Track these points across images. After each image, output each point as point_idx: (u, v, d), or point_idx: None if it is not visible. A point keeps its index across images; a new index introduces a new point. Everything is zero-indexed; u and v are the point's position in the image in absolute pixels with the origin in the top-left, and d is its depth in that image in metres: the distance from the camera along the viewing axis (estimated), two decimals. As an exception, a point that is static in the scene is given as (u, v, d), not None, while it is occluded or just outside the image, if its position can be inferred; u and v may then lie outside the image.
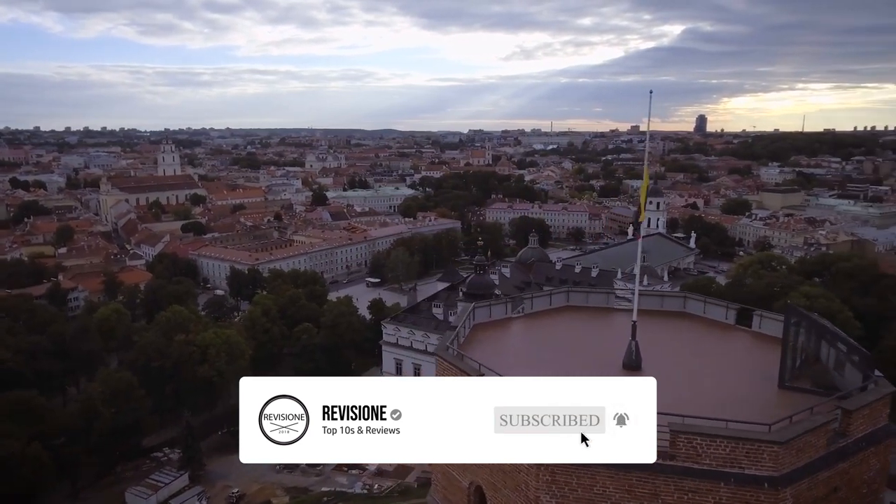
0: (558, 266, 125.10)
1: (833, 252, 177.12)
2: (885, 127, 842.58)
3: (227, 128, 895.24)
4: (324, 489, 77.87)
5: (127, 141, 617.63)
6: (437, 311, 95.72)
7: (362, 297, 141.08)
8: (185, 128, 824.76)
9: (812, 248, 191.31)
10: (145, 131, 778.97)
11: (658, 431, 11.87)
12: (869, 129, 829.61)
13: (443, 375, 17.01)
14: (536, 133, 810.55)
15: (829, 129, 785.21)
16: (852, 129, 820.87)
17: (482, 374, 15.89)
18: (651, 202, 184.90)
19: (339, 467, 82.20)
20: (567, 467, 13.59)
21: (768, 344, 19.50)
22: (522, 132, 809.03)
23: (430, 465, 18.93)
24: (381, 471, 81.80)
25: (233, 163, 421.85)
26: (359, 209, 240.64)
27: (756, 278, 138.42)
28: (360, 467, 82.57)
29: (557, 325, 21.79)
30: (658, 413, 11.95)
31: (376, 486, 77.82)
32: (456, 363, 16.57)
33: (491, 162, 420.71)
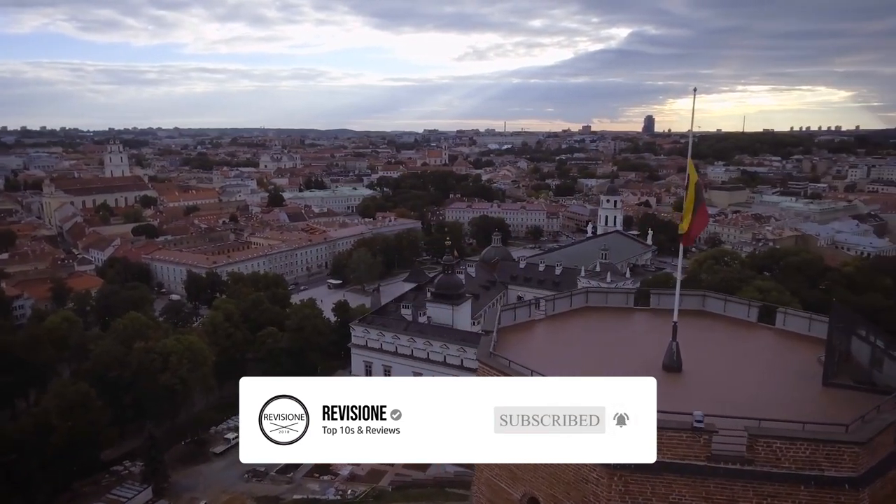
0: (522, 265, 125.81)
1: (780, 247, 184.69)
2: (819, 127, 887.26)
3: (176, 127, 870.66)
4: (296, 497, 76.02)
5: (69, 141, 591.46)
6: (406, 312, 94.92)
7: (325, 298, 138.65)
8: (130, 127, 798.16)
9: (760, 244, 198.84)
10: (88, 131, 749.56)
11: (734, 436, 11.53)
12: (804, 129, 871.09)
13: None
14: (490, 133, 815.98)
15: (768, 130, 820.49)
16: (789, 129, 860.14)
17: (524, 374, 15.19)
18: (609, 200, 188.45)
19: (311, 473, 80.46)
20: (641, 477, 13.12)
21: (794, 341, 19.59)
22: (477, 132, 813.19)
23: (474, 475, 18.16)
24: (354, 476, 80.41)
25: (183, 163, 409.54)
26: (317, 210, 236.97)
27: (711, 273, 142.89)
28: (333, 472, 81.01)
29: (585, 327, 21.44)
30: (731, 417, 11.59)
31: (350, 491, 76.43)
32: (502, 369, 15.86)
33: (447, 162, 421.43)
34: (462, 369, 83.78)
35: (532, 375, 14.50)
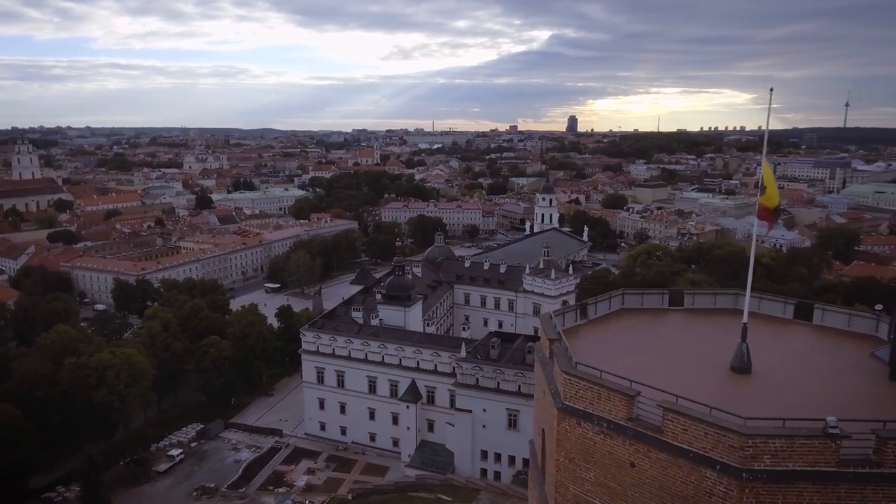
0: (467, 264, 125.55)
1: (704, 241, 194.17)
2: (726, 127, 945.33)
3: (87, 126, 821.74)
4: (251, 512, 72.76)
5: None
6: (357, 316, 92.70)
7: (263, 303, 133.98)
8: (36, 126, 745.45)
9: (685, 238, 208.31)
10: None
11: (860, 439, 11.24)
12: (713, 129, 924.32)
13: (582, 393, 15.26)
14: (420, 133, 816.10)
15: (681, 130, 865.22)
16: (699, 129, 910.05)
17: (635, 389, 14.61)
18: (545, 199, 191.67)
19: (265, 486, 77.31)
20: (773, 487, 12.68)
21: (838, 337, 19.93)
22: (407, 132, 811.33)
23: (538, 489, 17.15)
24: (311, 486, 77.91)
25: (99, 164, 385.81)
26: (248, 212, 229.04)
27: (645, 267, 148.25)
28: (288, 484, 78.13)
29: (634, 330, 21.11)
30: (855, 420, 11.19)
31: (307, 502, 73.78)
32: (598, 381, 15.08)
33: (380, 161, 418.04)
34: (418, 371, 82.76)
35: (631, 384, 13.88)
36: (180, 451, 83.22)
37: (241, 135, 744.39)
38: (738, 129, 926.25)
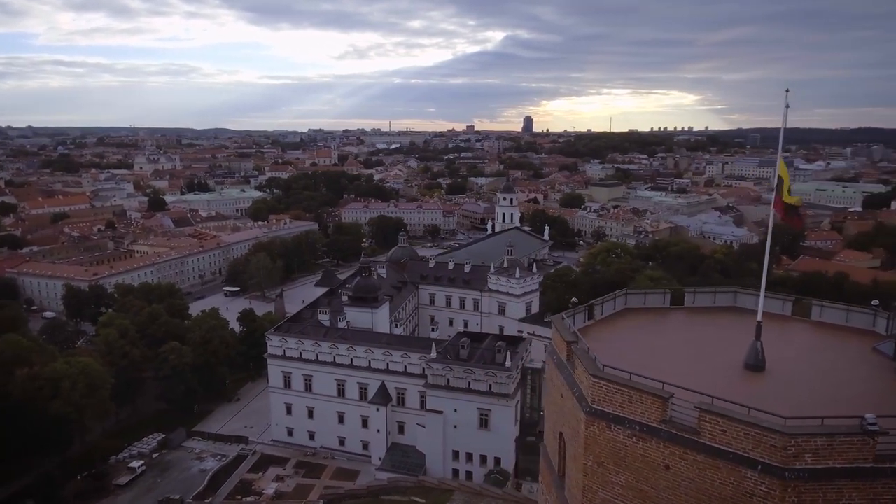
0: (432, 264, 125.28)
1: (659, 238, 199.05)
2: (675, 128, 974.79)
3: (29, 126, 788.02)
4: (219, 523, 70.76)
5: None
6: (324, 318, 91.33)
7: (224, 307, 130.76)
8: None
9: (641, 236, 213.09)
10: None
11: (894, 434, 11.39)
12: (663, 129, 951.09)
13: (611, 396, 15.13)
14: (377, 133, 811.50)
15: (633, 130, 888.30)
16: (650, 129, 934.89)
17: (668, 391, 14.56)
18: (505, 198, 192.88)
19: (233, 496, 75.29)
20: (815, 486, 12.75)
21: (839, 333, 20.44)
22: (363, 132, 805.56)
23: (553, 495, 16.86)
24: (280, 493, 76.31)
25: (43, 165, 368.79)
26: (204, 214, 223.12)
27: (605, 265, 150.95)
28: (256, 493, 76.31)
29: (641, 330, 21.09)
30: (885, 416, 11.33)
31: (278, 510, 72.22)
32: (629, 384, 14.97)
33: (338, 162, 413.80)
34: (388, 373, 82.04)
35: (662, 386, 13.76)
36: (141, 462, 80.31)
37: (193, 135, 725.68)
38: (686, 129, 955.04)
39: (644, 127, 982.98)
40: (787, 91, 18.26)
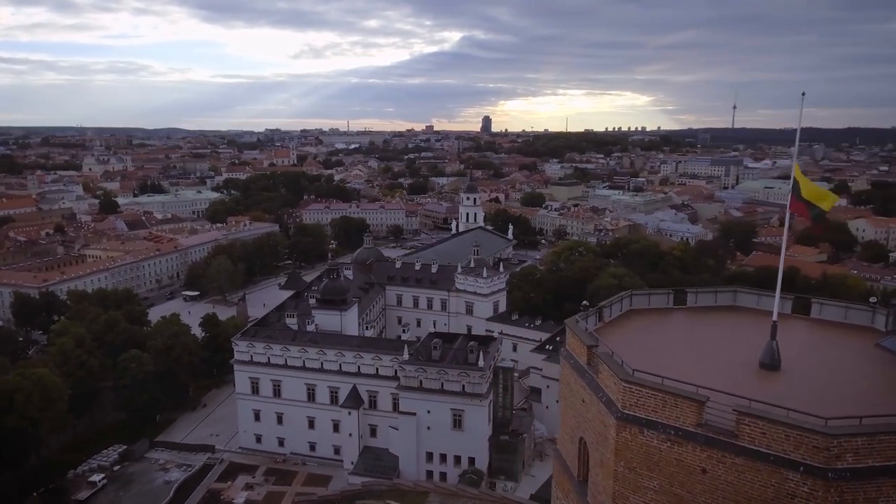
0: (398, 265, 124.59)
1: (619, 236, 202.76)
2: (629, 128, 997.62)
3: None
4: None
5: None
6: (291, 322, 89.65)
7: (186, 311, 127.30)
8: None
9: (601, 234, 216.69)
10: None
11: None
12: (617, 129, 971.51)
13: (644, 401, 15.06)
14: (336, 132, 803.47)
15: (588, 130, 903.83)
16: (605, 129, 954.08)
17: (703, 395, 14.57)
18: (469, 198, 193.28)
19: (198, 509, 73.10)
20: (857, 485, 12.83)
21: (841, 330, 20.86)
22: (322, 131, 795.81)
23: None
24: (251, 502, 74.49)
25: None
26: (159, 216, 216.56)
27: (569, 263, 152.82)
28: (225, 502, 74.32)
29: (648, 331, 21.03)
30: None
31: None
32: (663, 388, 14.87)
33: (296, 162, 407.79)
34: (359, 376, 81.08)
35: (696, 390, 13.69)
36: (102, 475, 77.19)
37: (144, 135, 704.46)
38: (639, 129, 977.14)
39: (599, 127, 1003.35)
40: (804, 94, 18.54)
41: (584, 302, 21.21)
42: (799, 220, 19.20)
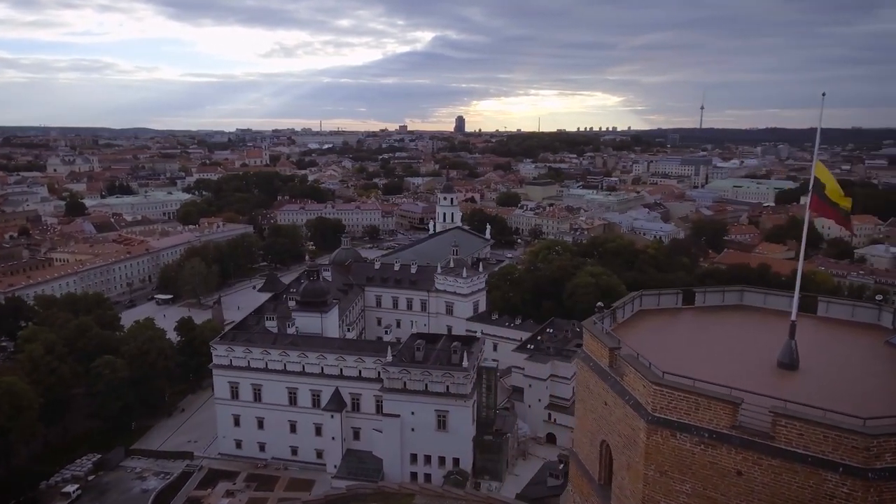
0: (377, 265, 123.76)
1: (595, 235, 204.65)
2: (600, 128, 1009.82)
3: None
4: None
5: None
6: (271, 325, 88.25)
7: (161, 315, 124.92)
8: None
9: (577, 233, 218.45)
10: None
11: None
12: (589, 129, 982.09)
13: (675, 404, 15.16)
14: (308, 132, 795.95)
15: (561, 130, 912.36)
16: (576, 129, 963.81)
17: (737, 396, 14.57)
18: (446, 198, 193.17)
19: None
20: (893, 483, 12.81)
21: (848, 328, 21.02)
22: (294, 131, 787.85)
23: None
24: (231, 509, 73.11)
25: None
26: (129, 218, 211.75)
27: (546, 262, 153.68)
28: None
29: (663, 331, 20.90)
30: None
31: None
32: (695, 390, 14.80)
33: (269, 162, 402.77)
34: (342, 378, 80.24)
35: (729, 392, 13.62)
36: (76, 486, 74.95)
37: (111, 134, 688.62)
38: (611, 129, 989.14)
39: (571, 127, 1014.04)
40: (824, 95, 18.65)
41: (599, 303, 21.08)
42: (817, 216, 18.91)
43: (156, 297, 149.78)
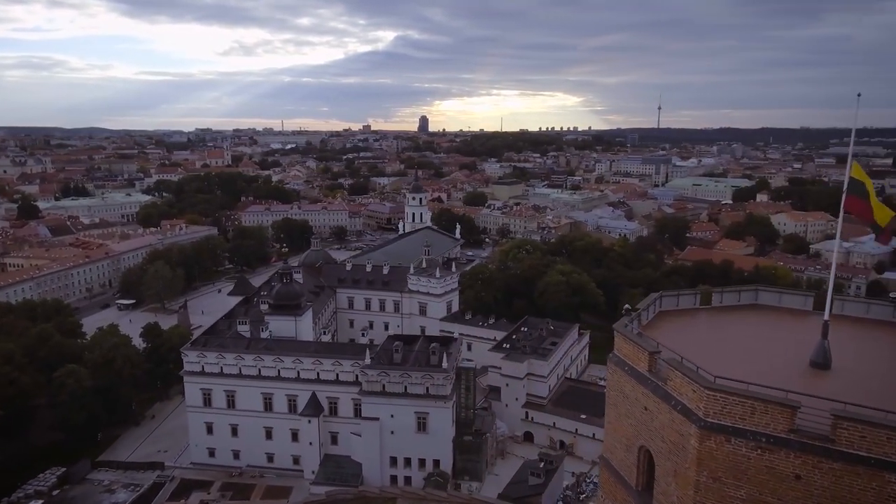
0: (349, 267, 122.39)
1: (563, 234, 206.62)
2: (562, 128, 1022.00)
3: None
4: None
5: None
6: (244, 329, 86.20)
7: (127, 320, 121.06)
8: None
9: (545, 231, 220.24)
10: None
11: None
12: (551, 129, 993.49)
13: (730, 409, 15.10)
14: (270, 132, 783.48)
15: (523, 130, 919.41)
16: (538, 129, 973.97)
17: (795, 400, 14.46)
18: (415, 198, 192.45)
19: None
20: None
21: (865, 326, 21.23)
22: (255, 131, 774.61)
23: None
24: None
25: None
26: (86, 221, 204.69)
27: (517, 261, 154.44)
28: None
29: (687, 331, 20.72)
30: None
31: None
32: (750, 395, 14.59)
33: (231, 162, 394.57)
34: (319, 383, 78.88)
35: (785, 395, 13.50)
36: (40, 502, 71.66)
37: (63, 134, 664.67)
38: (572, 129, 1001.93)
39: (533, 127, 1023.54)
40: (859, 95, 18.74)
41: (626, 306, 20.88)
42: (854, 215, 18.28)
43: (118, 302, 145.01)
